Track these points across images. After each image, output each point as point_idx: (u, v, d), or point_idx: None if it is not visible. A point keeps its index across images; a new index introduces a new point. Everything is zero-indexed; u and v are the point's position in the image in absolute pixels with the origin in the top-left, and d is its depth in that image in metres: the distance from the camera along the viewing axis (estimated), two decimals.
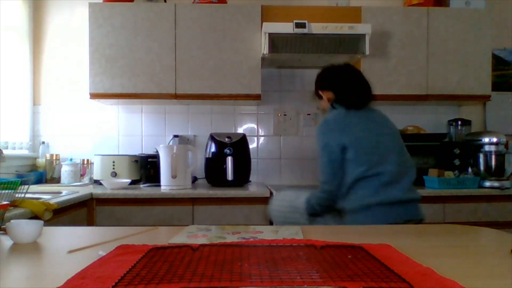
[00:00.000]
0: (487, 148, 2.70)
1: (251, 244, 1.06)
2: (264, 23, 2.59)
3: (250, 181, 2.82)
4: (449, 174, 2.58)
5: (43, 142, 2.99)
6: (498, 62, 3.12)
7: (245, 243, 1.08)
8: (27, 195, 1.71)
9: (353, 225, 1.56)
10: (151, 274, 0.79)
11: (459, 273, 0.82)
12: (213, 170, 2.65)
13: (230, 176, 2.57)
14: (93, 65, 2.65)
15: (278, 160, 3.11)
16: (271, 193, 2.44)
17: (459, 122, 3.03)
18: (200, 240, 1.12)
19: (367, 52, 2.60)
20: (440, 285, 0.74)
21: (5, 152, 2.34)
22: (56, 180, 2.85)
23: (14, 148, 2.77)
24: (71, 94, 3.03)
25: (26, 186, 1.64)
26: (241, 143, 2.68)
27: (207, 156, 2.68)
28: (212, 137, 2.68)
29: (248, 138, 2.78)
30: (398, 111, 3.14)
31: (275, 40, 2.57)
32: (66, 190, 2.37)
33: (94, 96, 2.67)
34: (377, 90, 2.76)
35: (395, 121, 3.07)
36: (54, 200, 1.93)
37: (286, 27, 2.55)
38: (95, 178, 2.74)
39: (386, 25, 2.75)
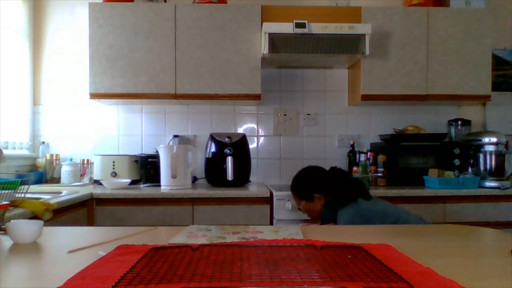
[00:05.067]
0: (487, 148, 2.70)
1: (251, 244, 1.06)
2: (264, 23, 2.59)
3: (250, 181, 2.82)
4: (449, 174, 2.58)
5: (43, 142, 2.99)
6: (498, 62, 3.12)
7: (245, 243, 1.08)
8: (27, 195, 1.71)
9: None
10: (151, 274, 0.79)
11: (459, 273, 0.82)
12: (213, 170, 2.65)
13: (230, 176, 2.57)
14: (93, 65, 2.65)
15: (278, 160, 3.11)
16: (271, 193, 2.44)
17: (459, 122, 3.03)
18: (200, 240, 1.12)
19: (367, 52, 2.60)
20: (440, 285, 0.74)
21: (5, 152, 2.34)
22: (56, 180, 2.85)
23: (14, 148, 2.77)
24: (71, 94, 3.03)
25: (26, 186, 1.64)
26: (241, 143, 2.68)
27: (207, 156, 2.68)
28: (212, 137, 2.68)
29: (248, 138, 2.78)
30: (398, 111, 3.14)
31: (275, 40, 2.57)
32: (66, 190, 2.36)
33: (94, 96, 2.67)
34: (377, 90, 2.79)
35: (395, 121, 3.11)
36: (54, 200, 1.93)
37: (286, 27, 2.55)
38: (95, 178, 2.74)
39: (386, 25, 2.75)
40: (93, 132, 3.05)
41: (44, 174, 2.86)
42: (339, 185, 1.90)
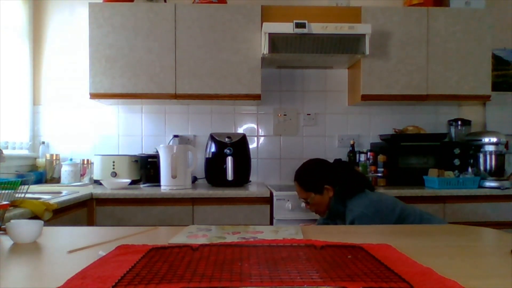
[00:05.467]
0: (487, 148, 2.70)
1: (251, 244, 1.06)
2: (264, 23, 2.59)
3: (250, 181, 2.82)
4: (449, 174, 2.58)
5: (43, 142, 2.99)
6: (498, 62, 3.12)
7: (245, 243, 1.08)
8: (27, 195, 1.71)
9: None
10: (151, 274, 0.79)
11: (459, 273, 0.82)
12: (213, 170, 2.65)
13: (230, 176, 2.57)
14: (93, 65, 2.65)
15: (278, 160, 3.11)
16: (271, 193, 2.44)
17: (459, 122, 3.03)
18: (200, 240, 1.12)
19: (367, 52, 2.60)
20: (440, 285, 0.74)
21: (5, 152, 2.34)
22: (56, 180, 2.85)
23: (14, 148, 2.77)
24: (71, 94, 3.03)
25: (26, 186, 1.64)
26: (241, 143, 2.68)
27: (207, 156, 2.68)
28: (212, 137, 2.68)
29: (248, 138, 2.78)
30: (398, 111, 3.14)
31: (275, 40, 2.57)
32: (66, 190, 2.36)
33: (94, 96, 2.67)
34: (377, 90, 2.79)
35: (395, 121, 3.11)
36: (54, 200, 1.93)
37: (286, 27, 2.55)
38: (95, 178, 2.74)
39: (386, 25, 2.74)
40: (93, 132, 3.05)
41: (44, 174, 2.86)
42: (346, 176, 1.90)
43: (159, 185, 2.55)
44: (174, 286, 0.72)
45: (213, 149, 2.65)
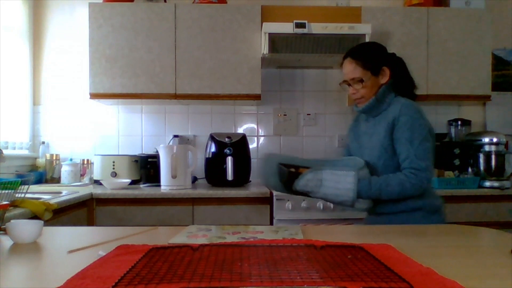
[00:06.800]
0: (487, 148, 2.70)
1: (251, 244, 1.06)
2: (264, 23, 2.59)
3: (250, 181, 2.82)
4: (449, 174, 2.59)
5: (43, 142, 2.99)
6: (498, 62, 3.12)
7: (245, 243, 1.08)
8: (27, 195, 1.71)
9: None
10: (151, 274, 0.79)
11: (459, 273, 0.82)
12: (213, 170, 2.65)
13: (230, 176, 2.57)
14: (93, 65, 2.65)
15: None
16: (271, 193, 2.44)
17: (459, 122, 3.03)
18: (200, 240, 1.12)
19: None
20: (440, 285, 0.74)
21: (5, 152, 2.34)
22: (56, 180, 2.85)
23: (14, 148, 2.77)
24: (71, 94, 3.03)
25: (26, 186, 1.64)
26: (241, 143, 2.68)
27: (207, 156, 2.68)
28: (212, 137, 2.68)
29: (248, 138, 2.78)
30: None
31: (275, 40, 2.57)
32: (66, 190, 2.37)
33: (94, 96, 2.67)
34: None
35: None
36: (54, 200, 1.93)
37: (286, 27, 2.55)
38: (95, 178, 2.74)
39: (386, 25, 2.74)
40: (93, 132, 3.05)
41: (44, 174, 2.86)
42: (403, 73, 1.69)
43: (159, 185, 2.55)
44: (174, 286, 0.72)
45: (213, 149, 2.65)
